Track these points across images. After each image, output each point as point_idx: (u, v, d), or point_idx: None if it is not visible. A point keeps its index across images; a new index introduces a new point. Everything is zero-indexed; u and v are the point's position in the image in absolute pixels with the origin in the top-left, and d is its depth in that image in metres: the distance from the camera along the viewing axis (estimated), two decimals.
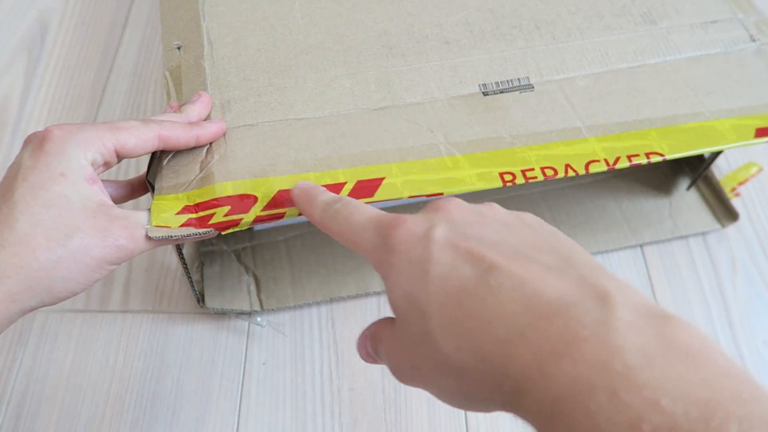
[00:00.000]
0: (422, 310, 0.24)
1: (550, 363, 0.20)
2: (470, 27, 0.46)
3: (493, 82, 0.43)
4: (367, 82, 0.43)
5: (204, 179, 0.37)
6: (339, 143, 0.39)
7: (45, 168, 0.31)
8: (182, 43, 0.44)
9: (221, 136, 0.39)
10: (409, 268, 0.25)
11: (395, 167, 0.38)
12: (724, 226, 0.54)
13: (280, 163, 0.38)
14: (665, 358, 0.19)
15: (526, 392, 0.21)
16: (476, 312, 0.23)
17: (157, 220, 0.34)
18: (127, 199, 0.39)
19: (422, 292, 0.24)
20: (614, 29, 0.46)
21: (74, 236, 0.30)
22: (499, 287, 0.23)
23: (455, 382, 0.24)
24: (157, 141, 0.35)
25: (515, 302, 0.22)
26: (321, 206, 0.31)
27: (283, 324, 0.49)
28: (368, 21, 0.46)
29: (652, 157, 0.39)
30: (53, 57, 0.64)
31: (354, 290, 0.50)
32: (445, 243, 0.24)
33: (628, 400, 0.18)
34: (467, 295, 0.23)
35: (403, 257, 0.25)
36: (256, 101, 0.41)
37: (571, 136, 0.40)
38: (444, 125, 0.40)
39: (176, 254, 0.43)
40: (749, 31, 0.47)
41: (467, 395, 0.24)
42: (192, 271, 0.49)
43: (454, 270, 0.24)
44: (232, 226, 0.35)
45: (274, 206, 0.36)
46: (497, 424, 0.45)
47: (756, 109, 0.42)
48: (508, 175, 0.38)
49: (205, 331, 0.49)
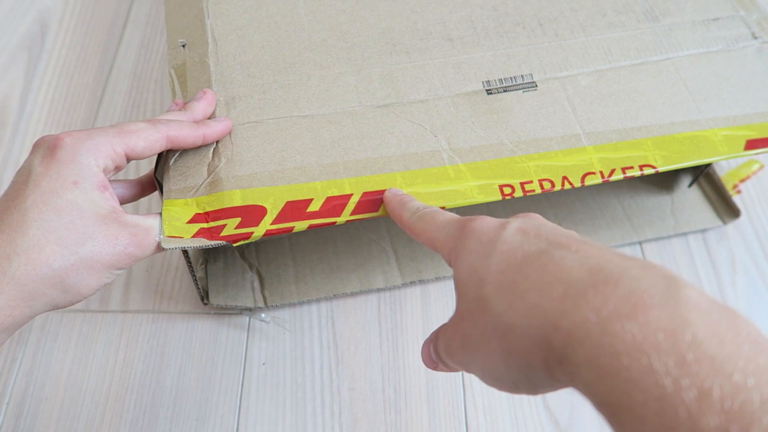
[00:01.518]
0: (481, 278, 0.25)
1: (614, 320, 0.21)
2: (473, 24, 0.46)
3: (496, 80, 0.43)
4: (371, 79, 0.43)
5: (213, 185, 0.37)
6: (344, 147, 0.39)
7: (57, 175, 0.31)
8: (187, 40, 0.45)
9: (227, 135, 0.39)
10: (478, 246, 0.27)
11: (399, 177, 0.39)
12: (725, 222, 0.54)
13: (287, 168, 0.38)
14: (734, 340, 0.19)
15: (579, 344, 0.21)
16: (535, 275, 0.24)
17: (169, 228, 0.35)
18: (137, 197, 0.39)
19: (485, 263, 0.26)
20: (617, 26, 0.46)
21: (86, 244, 0.31)
22: (563, 258, 0.24)
23: (499, 342, 0.24)
24: (165, 142, 0.36)
25: (578, 269, 0.23)
26: (411, 210, 0.34)
27: (283, 322, 0.49)
28: (372, 18, 0.46)
29: (645, 169, 0.40)
30: (53, 57, 0.64)
31: (357, 287, 0.50)
32: (517, 229, 0.27)
33: (697, 369, 0.19)
34: (528, 261, 0.25)
35: (476, 238, 0.27)
36: (261, 98, 0.41)
37: (570, 144, 0.41)
38: (447, 128, 0.41)
39: (183, 254, 0.43)
40: (751, 29, 0.47)
41: (509, 356, 0.24)
42: (196, 268, 0.49)
43: (521, 246, 0.25)
44: (243, 239, 0.36)
45: (283, 220, 0.37)
46: (497, 425, 0.45)
47: (750, 117, 0.43)
48: (508, 188, 0.39)
49: (205, 331, 0.49)
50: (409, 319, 0.50)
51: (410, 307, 0.50)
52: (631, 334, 0.20)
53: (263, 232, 0.36)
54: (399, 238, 0.53)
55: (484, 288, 0.25)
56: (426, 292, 0.51)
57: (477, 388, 0.47)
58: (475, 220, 0.28)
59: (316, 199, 0.37)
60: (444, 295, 0.51)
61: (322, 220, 0.37)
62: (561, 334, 0.22)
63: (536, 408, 0.46)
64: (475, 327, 0.26)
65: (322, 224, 0.37)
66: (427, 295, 0.51)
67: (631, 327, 0.20)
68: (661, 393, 0.19)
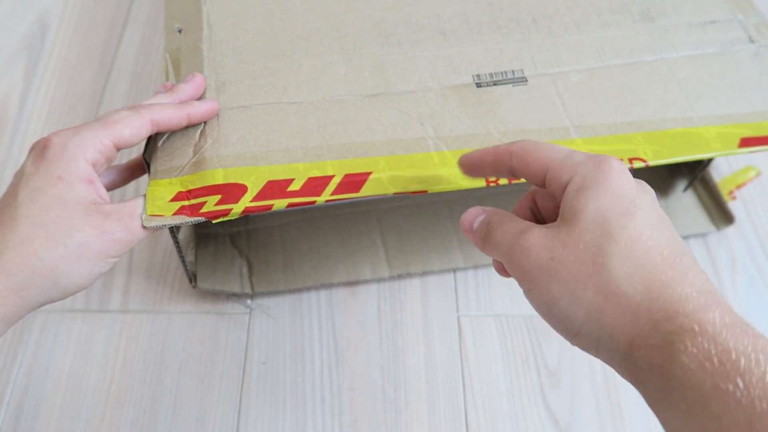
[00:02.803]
0: (609, 232, 0.26)
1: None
2: (467, 18, 0.46)
3: (487, 74, 0.43)
4: (361, 68, 0.43)
5: (197, 164, 0.38)
6: (330, 131, 0.40)
7: (44, 173, 0.33)
8: (183, 26, 0.45)
9: (214, 117, 0.40)
10: (615, 198, 0.26)
11: (383, 161, 0.39)
12: (719, 228, 0.54)
13: (271, 150, 0.39)
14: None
15: (699, 321, 0.23)
16: (662, 266, 0.25)
17: (152, 208, 0.36)
18: (128, 181, 0.40)
19: (620, 221, 0.26)
20: (611, 26, 0.46)
21: (74, 235, 0.32)
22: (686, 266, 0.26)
23: (597, 294, 0.25)
24: (150, 126, 0.36)
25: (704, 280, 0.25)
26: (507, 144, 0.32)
27: (283, 321, 0.49)
28: (366, 9, 0.46)
29: (635, 162, 0.40)
30: (53, 57, 0.64)
31: (344, 277, 0.51)
32: (652, 209, 0.27)
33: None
34: (659, 251, 0.26)
35: (615, 186, 0.27)
36: (251, 84, 0.42)
37: (559, 136, 0.41)
38: (434, 117, 0.41)
39: (171, 236, 0.44)
40: (748, 33, 0.47)
41: (603, 306, 0.25)
42: (186, 253, 0.50)
43: (654, 232, 0.26)
44: (222, 216, 0.36)
45: (262, 197, 0.37)
46: (497, 424, 0.45)
47: (744, 117, 0.43)
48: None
49: (205, 331, 0.49)
50: (409, 318, 0.50)
51: (410, 307, 0.51)
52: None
53: (242, 209, 0.36)
54: (389, 230, 0.53)
55: (612, 243, 0.26)
56: (426, 292, 0.51)
57: (477, 388, 0.47)
58: (612, 161, 0.27)
59: (297, 179, 0.38)
60: (444, 295, 0.51)
61: (301, 199, 0.37)
62: (674, 324, 0.24)
63: (536, 407, 0.46)
64: (577, 263, 0.26)
65: (301, 203, 0.37)
66: (428, 295, 0.51)
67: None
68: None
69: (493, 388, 0.47)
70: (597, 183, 0.27)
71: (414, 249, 0.52)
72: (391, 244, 0.52)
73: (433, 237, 0.53)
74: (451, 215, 0.54)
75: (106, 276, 0.51)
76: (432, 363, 0.48)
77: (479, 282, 0.52)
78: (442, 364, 0.48)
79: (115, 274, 0.51)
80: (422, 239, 0.53)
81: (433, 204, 0.55)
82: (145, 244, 0.53)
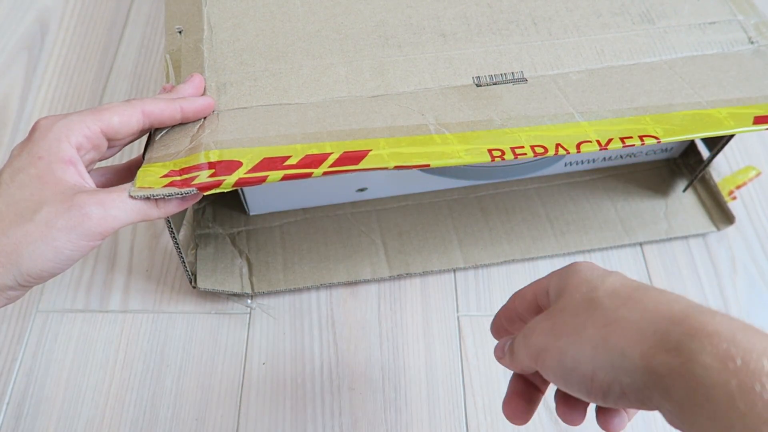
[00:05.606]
0: (594, 286, 0.28)
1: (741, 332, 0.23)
2: (467, 21, 0.46)
3: (486, 75, 0.43)
4: (361, 70, 0.43)
5: (192, 149, 0.38)
6: (329, 121, 0.40)
7: (27, 154, 0.33)
8: (184, 27, 0.45)
9: (214, 116, 0.40)
10: (591, 269, 0.30)
11: (383, 142, 0.39)
12: (719, 229, 0.54)
13: (269, 136, 0.39)
14: None
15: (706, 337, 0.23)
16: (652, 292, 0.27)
17: (141, 182, 0.35)
18: (125, 181, 0.40)
19: (600, 278, 0.29)
20: (611, 27, 0.46)
21: (42, 210, 0.31)
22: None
23: (597, 330, 0.26)
24: (141, 116, 0.36)
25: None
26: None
27: (283, 321, 0.49)
28: (367, 11, 0.46)
29: (647, 139, 0.39)
30: (53, 57, 0.64)
31: (344, 277, 0.51)
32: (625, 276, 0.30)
33: None
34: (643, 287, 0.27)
35: (588, 266, 0.30)
36: (252, 85, 0.42)
37: (563, 120, 0.40)
38: (435, 109, 0.41)
39: (171, 236, 0.43)
40: (748, 33, 0.47)
41: (603, 342, 0.26)
42: (186, 253, 0.50)
43: (634, 282, 0.28)
44: (214, 187, 0.35)
45: (257, 170, 0.36)
46: (497, 424, 0.45)
47: (754, 100, 0.42)
48: (497, 151, 0.38)
49: (205, 331, 0.49)
50: (409, 318, 0.50)
51: (410, 307, 0.51)
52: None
53: (235, 180, 0.36)
54: (389, 230, 0.53)
55: (596, 292, 0.28)
56: (426, 292, 0.51)
57: (477, 388, 0.47)
58: (578, 264, 0.30)
59: (294, 155, 0.37)
60: (444, 295, 0.51)
61: (297, 171, 0.36)
62: (683, 327, 0.24)
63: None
64: (572, 317, 0.28)
65: (297, 175, 0.36)
66: (428, 295, 0.51)
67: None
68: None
69: (493, 388, 0.47)
70: (572, 268, 0.30)
71: (414, 249, 0.52)
72: (391, 244, 0.53)
73: (433, 237, 0.53)
74: (451, 215, 0.54)
75: (106, 276, 0.51)
76: (432, 363, 0.48)
77: (479, 282, 0.52)
78: (442, 364, 0.48)
79: (115, 274, 0.51)
80: (422, 239, 0.53)
81: (433, 204, 0.55)
82: (145, 244, 0.53)
